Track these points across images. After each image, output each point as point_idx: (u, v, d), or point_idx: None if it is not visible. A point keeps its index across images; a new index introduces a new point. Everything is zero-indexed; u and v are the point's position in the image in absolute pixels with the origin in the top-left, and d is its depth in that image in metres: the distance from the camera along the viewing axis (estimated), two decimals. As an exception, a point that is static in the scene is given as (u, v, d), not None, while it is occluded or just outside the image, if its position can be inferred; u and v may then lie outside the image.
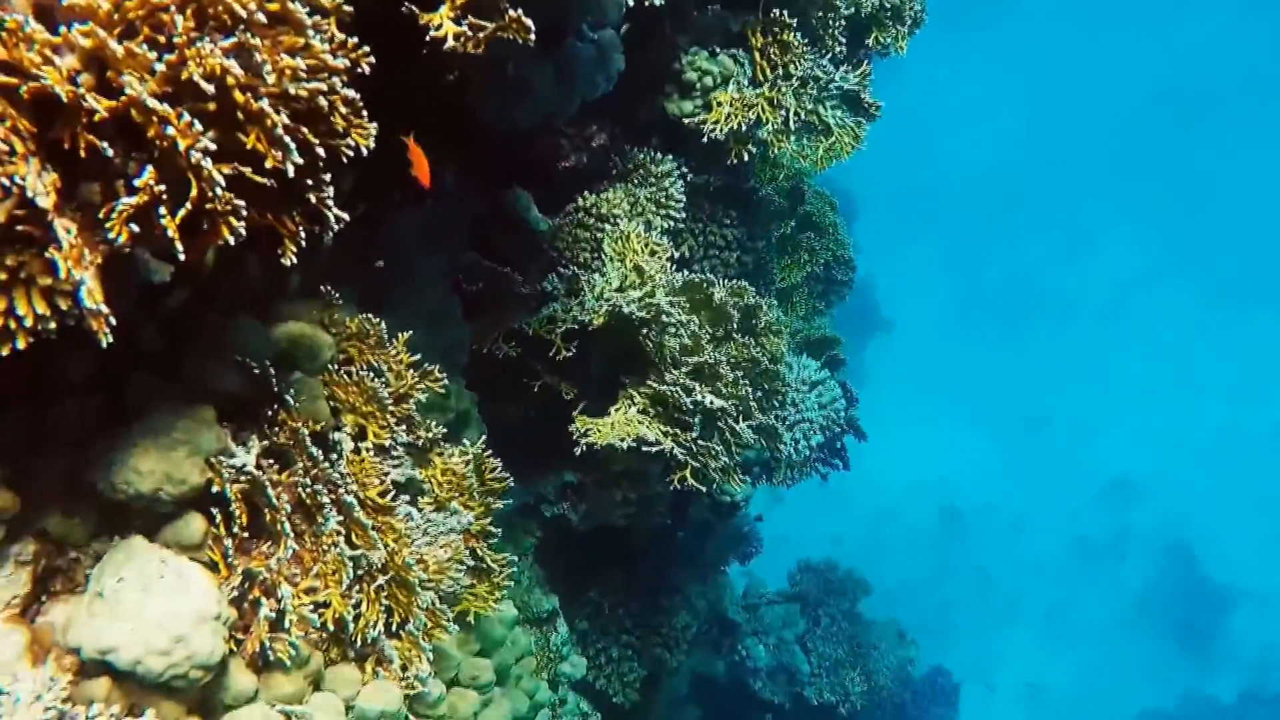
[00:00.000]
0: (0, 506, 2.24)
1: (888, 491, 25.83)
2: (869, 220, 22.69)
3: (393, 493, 2.76)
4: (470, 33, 2.17)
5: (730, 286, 4.23)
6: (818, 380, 5.25)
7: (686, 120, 4.44)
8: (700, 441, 3.99)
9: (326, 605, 2.61)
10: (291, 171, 1.85)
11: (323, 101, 1.89)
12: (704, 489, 4.11)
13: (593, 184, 4.49)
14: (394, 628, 2.77)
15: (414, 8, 2.20)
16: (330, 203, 2.02)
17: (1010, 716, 23.80)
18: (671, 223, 4.50)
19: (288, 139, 1.82)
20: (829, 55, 4.52)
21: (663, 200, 4.44)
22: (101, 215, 1.83)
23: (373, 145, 2.07)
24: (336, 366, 2.80)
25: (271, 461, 2.58)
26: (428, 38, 2.18)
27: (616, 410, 4.12)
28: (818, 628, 8.98)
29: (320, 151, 1.95)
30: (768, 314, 4.25)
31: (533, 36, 2.24)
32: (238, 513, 2.48)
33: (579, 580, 5.64)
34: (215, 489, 2.46)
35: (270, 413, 2.62)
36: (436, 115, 3.39)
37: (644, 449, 4.00)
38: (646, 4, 3.68)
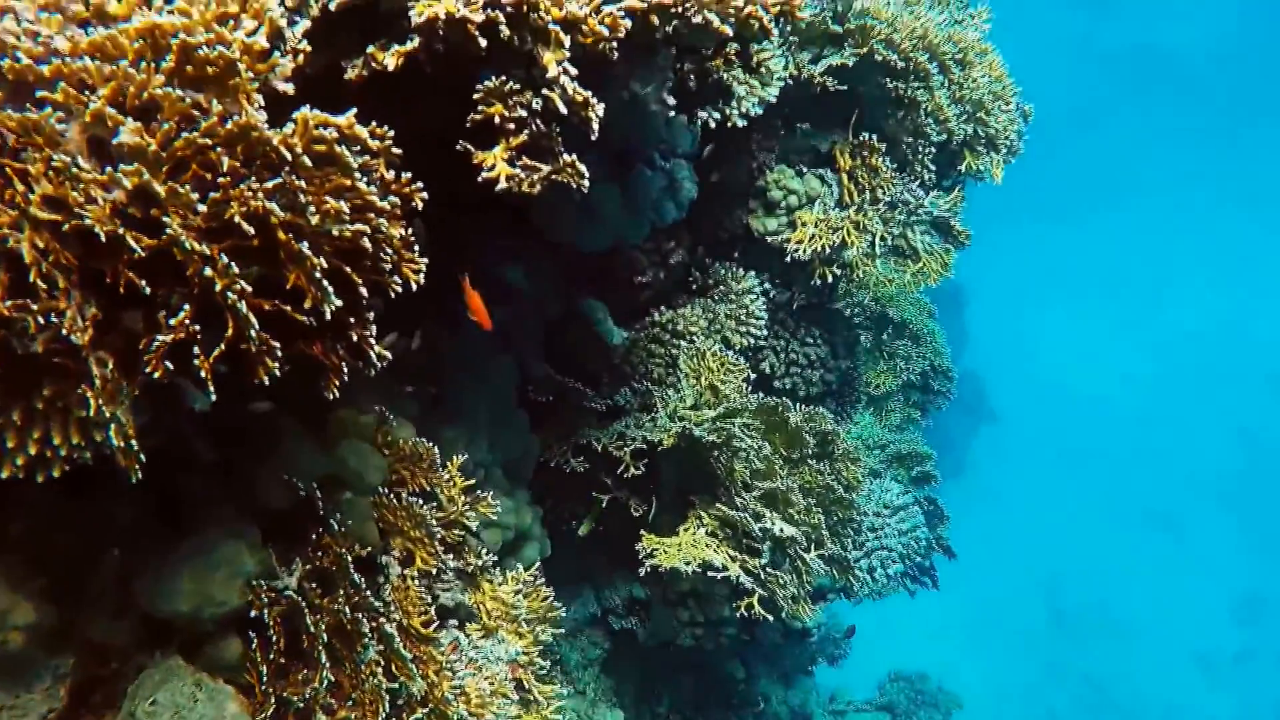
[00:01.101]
0: (38, 622, 2.23)
1: (993, 587, 23.82)
2: (978, 309, 22.01)
3: (436, 623, 2.68)
4: (524, 174, 2.14)
5: (806, 412, 4.11)
6: (900, 505, 5.02)
7: (770, 238, 4.37)
8: (769, 569, 3.83)
9: (360, 737, 2.53)
10: (329, 314, 1.83)
11: (366, 243, 1.86)
12: (771, 618, 3.92)
13: (671, 298, 4.44)
14: (429, 764, 2.66)
15: (469, 145, 2.18)
16: (372, 341, 1.99)
17: None
18: (751, 340, 4.40)
19: (325, 282, 1.80)
20: (919, 180, 4.41)
21: (743, 317, 4.35)
22: (141, 346, 1.83)
23: (423, 281, 2.04)
24: (388, 489, 2.76)
25: (315, 585, 2.54)
26: (480, 178, 2.16)
27: (685, 530, 3.99)
28: (907, 742, 8.55)
29: (363, 290, 1.92)
30: (844, 441, 4.08)
31: (586, 183, 2.19)
32: (275, 637, 2.44)
33: (648, 688, 5.44)
34: (254, 613, 2.43)
35: (315, 535, 2.59)
36: (509, 220, 3.39)
37: (710, 573, 3.86)
38: (729, 125, 3.65)
